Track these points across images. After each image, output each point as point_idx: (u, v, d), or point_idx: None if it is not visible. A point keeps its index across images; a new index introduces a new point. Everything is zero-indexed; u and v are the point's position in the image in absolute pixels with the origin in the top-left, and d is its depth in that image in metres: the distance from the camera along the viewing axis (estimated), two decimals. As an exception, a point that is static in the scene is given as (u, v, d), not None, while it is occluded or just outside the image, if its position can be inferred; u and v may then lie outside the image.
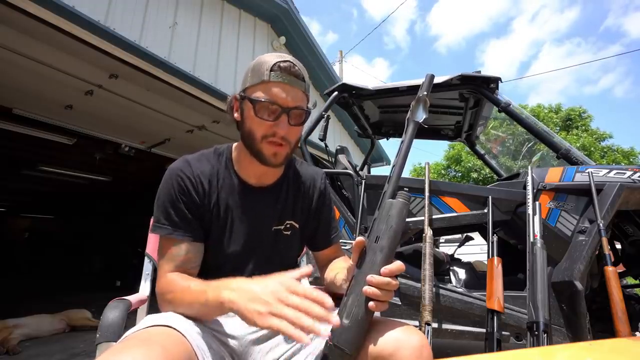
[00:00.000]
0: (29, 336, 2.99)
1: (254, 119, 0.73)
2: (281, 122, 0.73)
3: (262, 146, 0.75)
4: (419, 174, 16.71)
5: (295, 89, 0.73)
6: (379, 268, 0.60)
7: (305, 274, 0.59)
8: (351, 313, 0.59)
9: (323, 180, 0.94)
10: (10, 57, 2.96)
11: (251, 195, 0.82)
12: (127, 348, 0.51)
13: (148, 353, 0.50)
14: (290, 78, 0.72)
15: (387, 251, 0.61)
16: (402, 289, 1.79)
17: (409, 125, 0.72)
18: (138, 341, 0.54)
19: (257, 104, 0.72)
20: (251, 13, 4.74)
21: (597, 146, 13.20)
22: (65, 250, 12.26)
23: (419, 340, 0.60)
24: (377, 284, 0.58)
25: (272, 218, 0.84)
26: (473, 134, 2.84)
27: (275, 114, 0.73)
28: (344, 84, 2.32)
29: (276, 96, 0.71)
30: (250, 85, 0.74)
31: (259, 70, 0.73)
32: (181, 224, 0.75)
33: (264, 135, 0.74)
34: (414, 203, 1.94)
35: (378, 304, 0.59)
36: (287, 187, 0.88)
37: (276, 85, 0.71)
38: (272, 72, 0.71)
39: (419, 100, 0.73)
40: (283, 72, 0.72)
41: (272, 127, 0.73)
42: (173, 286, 0.70)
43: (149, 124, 4.51)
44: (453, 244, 4.26)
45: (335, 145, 2.74)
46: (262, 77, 0.72)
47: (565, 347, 0.76)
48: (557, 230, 1.72)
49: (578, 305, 1.53)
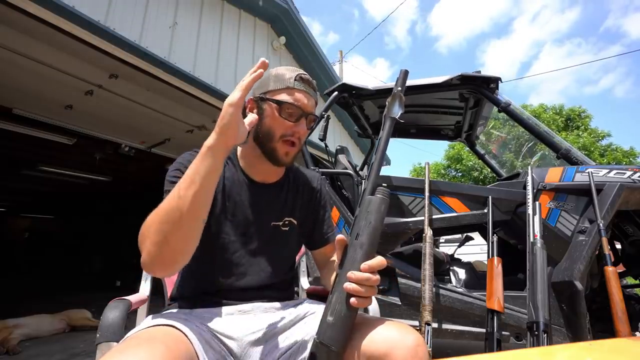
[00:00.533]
0: (29, 336, 2.99)
1: (276, 119, 0.81)
2: (301, 123, 0.82)
3: (278, 145, 0.82)
4: (419, 174, 16.71)
5: (312, 99, 0.85)
6: (360, 264, 0.61)
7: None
8: (335, 310, 0.60)
9: (319, 181, 1.01)
10: (11, 57, 2.96)
11: (254, 190, 0.86)
12: (130, 347, 0.52)
13: (151, 352, 0.51)
14: (310, 89, 0.84)
15: (367, 247, 0.62)
16: (402, 289, 1.79)
17: (386, 122, 0.73)
18: (141, 340, 0.55)
19: (283, 105, 0.80)
20: (251, 13, 4.74)
21: (597, 145, 13.21)
22: (65, 250, 12.27)
23: (414, 340, 0.60)
24: (356, 280, 0.59)
25: (271, 214, 0.87)
26: (473, 134, 2.84)
27: (297, 116, 0.82)
28: (344, 84, 2.32)
29: (300, 101, 0.82)
30: (273, 90, 0.82)
31: (282, 78, 0.82)
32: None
33: (283, 134, 0.81)
34: (414, 203, 1.95)
35: (360, 300, 0.59)
36: (288, 186, 0.93)
37: (300, 92, 0.82)
38: (296, 81, 0.82)
39: (394, 96, 0.73)
40: (305, 83, 0.83)
41: (292, 128, 0.81)
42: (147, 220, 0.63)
43: (149, 124, 4.51)
44: (453, 244, 4.26)
45: (335, 145, 2.74)
46: (287, 83, 0.81)
47: (565, 347, 0.76)
48: (557, 230, 1.72)
49: (578, 305, 1.53)
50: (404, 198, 1.96)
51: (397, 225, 1.89)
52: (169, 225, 0.60)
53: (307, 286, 1.27)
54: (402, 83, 0.77)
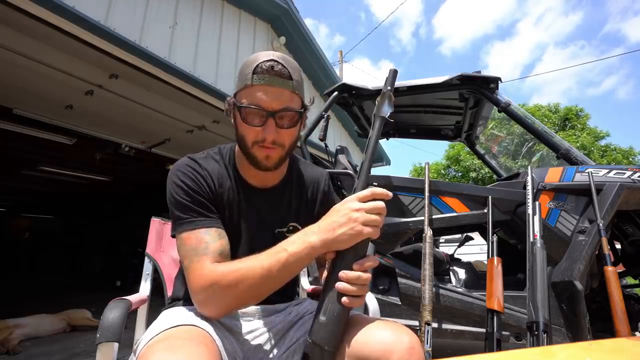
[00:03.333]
0: (30, 336, 3.00)
1: (242, 125, 0.73)
2: (268, 126, 0.71)
3: (254, 151, 0.74)
4: (419, 174, 16.70)
5: (281, 90, 0.70)
6: (351, 263, 0.61)
7: (365, 196, 0.64)
8: (327, 309, 0.60)
9: (327, 182, 0.93)
10: (11, 58, 2.96)
11: (255, 197, 0.81)
12: (178, 347, 0.53)
13: (196, 350, 0.53)
14: (274, 79, 0.69)
15: (358, 246, 0.62)
16: (402, 289, 1.79)
17: (376, 121, 0.73)
18: (184, 341, 0.56)
19: (242, 110, 0.71)
20: (251, 13, 4.74)
21: (597, 145, 13.21)
22: (66, 250, 12.25)
23: (409, 342, 0.60)
24: (347, 279, 0.59)
25: (275, 220, 0.83)
26: (473, 134, 2.84)
27: (261, 119, 0.71)
28: (344, 84, 2.32)
29: (259, 100, 0.69)
30: (237, 91, 0.73)
31: (243, 73, 0.72)
32: (204, 213, 0.72)
33: (255, 141, 0.73)
34: (414, 203, 1.94)
35: (352, 299, 0.59)
36: (291, 189, 0.87)
37: (259, 88, 0.69)
38: (254, 75, 0.69)
39: (383, 95, 0.73)
40: (266, 73, 0.69)
41: (261, 133, 0.71)
42: (225, 271, 0.63)
43: (149, 124, 4.51)
44: (453, 244, 4.26)
45: (335, 145, 2.74)
46: (246, 81, 0.70)
47: (565, 346, 0.76)
48: (557, 230, 1.72)
49: (578, 305, 1.53)
50: (404, 198, 1.96)
51: (397, 225, 1.88)
52: (266, 281, 0.63)
53: (308, 286, 1.27)
54: (392, 82, 0.76)
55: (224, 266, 0.64)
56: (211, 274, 0.63)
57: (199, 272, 0.64)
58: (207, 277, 0.63)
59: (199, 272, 0.64)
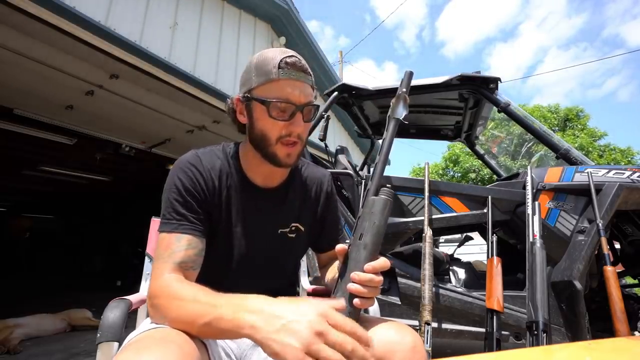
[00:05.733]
0: (30, 336, 3.00)
1: (267, 120, 0.71)
2: (296, 120, 0.71)
3: (277, 148, 0.72)
4: (419, 174, 16.69)
5: (305, 85, 0.71)
6: (363, 265, 0.60)
7: (340, 309, 0.51)
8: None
9: (330, 182, 0.92)
10: (11, 58, 2.96)
11: (258, 196, 0.80)
12: (145, 348, 0.49)
13: (164, 352, 0.48)
14: (299, 74, 0.70)
15: (370, 248, 0.61)
16: (402, 289, 1.79)
17: (390, 123, 0.72)
18: (155, 340, 0.52)
19: (270, 104, 0.69)
20: (251, 13, 4.75)
21: (595, 145, 13.22)
22: (66, 250, 12.26)
23: (412, 341, 0.59)
24: (360, 281, 0.58)
25: (278, 221, 0.82)
26: (473, 134, 2.84)
27: (290, 113, 0.70)
28: (344, 84, 2.32)
29: (289, 94, 0.69)
30: (257, 85, 0.71)
31: (264, 68, 0.70)
32: (188, 217, 0.70)
33: (280, 136, 0.71)
34: (414, 203, 1.95)
35: (363, 301, 0.58)
36: (294, 189, 0.86)
37: (287, 82, 0.69)
38: (280, 69, 0.69)
39: (398, 97, 0.73)
40: (291, 68, 0.69)
41: (287, 127, 0.71)
42: (168, 290, 0.60)
43: (150, 124, 4.51)
44: (453, 244, 4.26)
45: (335, 145, 2.74)
46: (270, 75, 0.69)
47: (564, 346, 0.76)
48: (557, 230, 1.72)
49: (577, 305, 1.54)
50: (404, 198, 1.96)
51: (396, 225, 1.89)
52: (188, 327, 0.55)
53: (308, 286, 1.27)
54: (407, 84, 0.75)
55: (178, 284, 0.61)
56: (161, 285, 0.62)
57: (154, 278, 0.64)
58: (158, 286, 0.62)
59: (154, 278, 0.64)
